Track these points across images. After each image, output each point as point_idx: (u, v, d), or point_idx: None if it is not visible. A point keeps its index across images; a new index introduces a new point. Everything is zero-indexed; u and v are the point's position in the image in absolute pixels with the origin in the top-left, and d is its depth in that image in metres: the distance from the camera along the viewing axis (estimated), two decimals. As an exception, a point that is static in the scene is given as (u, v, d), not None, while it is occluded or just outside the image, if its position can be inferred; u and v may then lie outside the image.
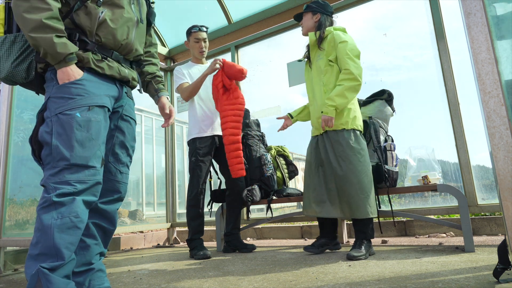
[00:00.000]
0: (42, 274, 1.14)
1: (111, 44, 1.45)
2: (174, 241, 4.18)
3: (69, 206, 1.23)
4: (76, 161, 1.27)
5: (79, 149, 1.28)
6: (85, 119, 1.31)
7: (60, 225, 1.20)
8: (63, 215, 1.21)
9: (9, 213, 2.81)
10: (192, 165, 2.77)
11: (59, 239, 1.19)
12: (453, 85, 2.69)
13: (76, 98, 1.32)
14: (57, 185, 1.24)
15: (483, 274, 1.48)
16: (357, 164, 2.20)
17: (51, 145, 1.28)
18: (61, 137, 1.28)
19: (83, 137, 1.30)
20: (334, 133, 2.28)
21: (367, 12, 3.28)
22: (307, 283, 1.55)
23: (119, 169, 1.53)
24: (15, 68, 1.35)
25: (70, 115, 1.29)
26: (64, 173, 1.26)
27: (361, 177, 2.18)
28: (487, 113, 1.05)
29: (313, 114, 2.45)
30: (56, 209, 1.21)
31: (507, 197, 1.01)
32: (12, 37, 1.37)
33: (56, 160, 1.27)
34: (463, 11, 1.12)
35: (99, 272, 1.42)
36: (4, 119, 2.87)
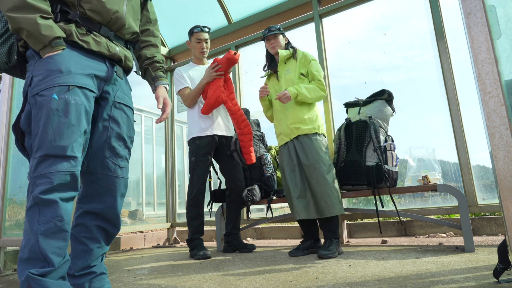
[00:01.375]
0: (32, 279, 1.07)
1: (97, 17, 1.30)
2: (174, 241, 4.18)
3: (52, 209, 1.12)
4: (53, 151, 1.13)
5: (57, 138, 1.13)
6: (62, 102, 1.15)
7: (45, 230, 1.10)
8: (47, 219, 1.11)
9: (9, 213, 2.81)
10: (192, 165, 2.77)
11: (45, 245, 1.10)
12: (453, 85, 2.69)
13: (53, 76, 1.16)
14: (37, 180, 1.12)
15: (483, 274, 1.48)
16: (329, 166, 2.39)
17: (32, 131, 1.15)
18: (39, 123, 1.13)
19: (60, 123, 1.14)
20: (307, 137, 2.44)
21: (367, 12, 3.28)
22: (307, 283, 1.55)
23: (118, 164, 1.37)
24: None
25: (46, 97, 1.14)
26: (42, 166, 1.12)
27: (332, 178, 2.37)
28: (487, 113, 1.05)
29: (283, 121, 2.55)
30: (40, 212, 1.11)
31: (507, 197, 1.01)
32: None
33: (34, 149, 1.14)
34: (463, 11, 1.12)
35: (101, 275, 1.36)
36: (4, 119, 2.88)
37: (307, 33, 3.45)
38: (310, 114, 2.49)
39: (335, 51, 3.43)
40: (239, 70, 3.89)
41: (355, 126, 2.60)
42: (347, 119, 2.71)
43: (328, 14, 3.36)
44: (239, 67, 3.90)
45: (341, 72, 3.44)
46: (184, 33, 3.39)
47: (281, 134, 2.57)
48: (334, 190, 2.34)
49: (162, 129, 4.53)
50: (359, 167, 2.51)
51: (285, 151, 2.56)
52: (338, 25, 3.41)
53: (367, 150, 2.51)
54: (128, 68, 1.49)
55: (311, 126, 2.46)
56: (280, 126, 2.57)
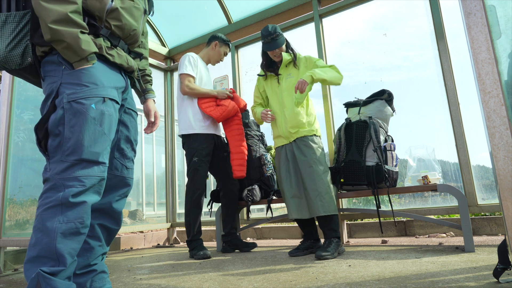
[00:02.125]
0: (42, 277, 1.08)
1: (120, 33, 1.39)
2: (174, 241, 4.18)
3: (76, 210, 1.17)
4: (88, 156, 1.20)
5: (92, 145, 1.22)
6: (99, 112, 1.24)
7: (65, 230, 1.14)
8: (69, 220, 1.15)
9: (9, 213, 2.81)
10: (194, 166, 2.72)
11: (63, 244, 1.13)
12: (453, 85, 2.69)
13: (90, 87, 1.24)
14: (66, 182, 1.16)
15: (483, 274, 1.48)
16: (325, 167, 2.43)
17: (63, 136, 1.19)
18: (74, 128, 1.19)
19: (96, 131, 1.23)
20: (305, 138, 2.47)
21: (367, 12, 3.28)
22: (307, 283, 1.55)
23: (125, 165, 1.46)
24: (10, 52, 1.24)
25: (85, 105, 1.21)
26: (74, 169, 1.18)
27: (328, 178, 2.40)
28: (487, 113, 1.05)
29: (282, 125, 2.56)
30: (62, 212, 1.14)
31: (507, 197, 1.01)
32: (3, 17, 1.24)
33: (65, 153, 1.19)
34: (463, 11, 1.12)
35: (102, 273, 1.38)
36: (4, 119, 2.88)
37: (307, 33, 3.46)
38: (309, 118, 2.53)
39: (335, 51, 3.43)
40: (239, 70, 3.89)
41: (355, 126, 2.60)
42: (347, 119, 2.71)
43: (328, 14, 3.36)
44: (239, 67, 3.90)
45: (341, 72, 3.43)
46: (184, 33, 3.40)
47: (280, 137, 2.60)
48: (329, 190, 2.36)
49: (162, 129, 4.53)
50: (359, 167, 2.51)
51: (282, 152, 2.58)
52: (338, 25, 3.41)
53: (367, 150, 2.51)
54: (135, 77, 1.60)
55: (309, 128, 2.50)
56: (279, 129, 2.59)
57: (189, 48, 4.30)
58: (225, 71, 3.98)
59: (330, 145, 3.13)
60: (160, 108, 4.58)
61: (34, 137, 3.04)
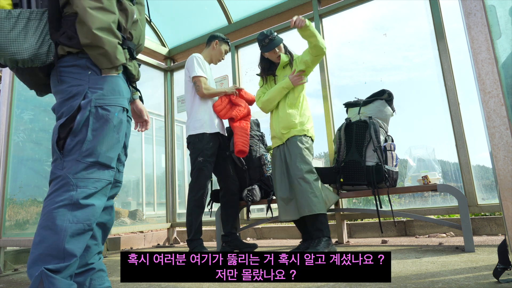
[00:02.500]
0: (46, 276, 1.10)
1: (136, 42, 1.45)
2: (174, 241, 4.18)
3: (85, 212, 1.19)
4: (104, 160, 1.26)
5: (109, 150, 1.27)
6: (119, 120, 1.30)
7: (75, 230, 1.17)
8: (78, 220, 1.18)
9: (9, 213, 2.81)
10: (199, 165, 2.71)
11: (71, 244, 1.15)
12: (453, 85, 2.69)
13: (116, 96, 1.30)
14: (79, 182, 1.20)
15: (483, 274, 1.48)
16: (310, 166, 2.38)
17: (84, 137, 1.23)
18: (96, 132, 1.24)
19: (114, 138, 1.29)
20: (294, 138, 2.44)
21: (367, 12, 3.28)
22: (307, 283, 1.55)
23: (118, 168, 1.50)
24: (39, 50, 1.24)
25: (110, 113, 1.27)
26: (89, 170, 1.22)
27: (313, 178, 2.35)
28: (487, 113, 1.05)
29: (276, 125, 2.56)
30: (72, 212, 1.17)
31: (507, 197, 1.01)
32: (28, 14, 1.23)
33: (83, 154, 1.22)
34: (463, 11, 1.12)
35: (100, 271, 1.39)
36: (4, 119, 2.88)
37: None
38: (301, 118, 2.50)
39: (335, 51, 3.43)
40: (239, 70, 3.89)
41: (355, 126, 2.60)
42: (347, 119, 2.71)
43: (328, 14, 3.36)
44: (239, 67, 3.90)
45: (341, 72, 3.44)
46: (184, 33, 3.40)
47: (275, 138, 2.60)
48: (316, 189, 2.31)
49: (162, 129, 4.53)
50: (359, 167, 2.51)
51: (277, 154, 2.58)
52: (338, 25, 3.41)
53: (367, 150, 2.51)
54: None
55: (300, 128, 2.47)
56: (273, 130, 2.60)
57: (189, 48, 4.30)
58: (225, 71, 3.98)
59: (330, 145, 3.13)
60: (160, 108, 4.58)
61: (34, 137, 3.02)
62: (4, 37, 1.19)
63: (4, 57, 1.21)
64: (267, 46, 2.57)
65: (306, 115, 2.54)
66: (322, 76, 3.27)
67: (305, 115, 2.53)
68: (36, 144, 3.00)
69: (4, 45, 1.19)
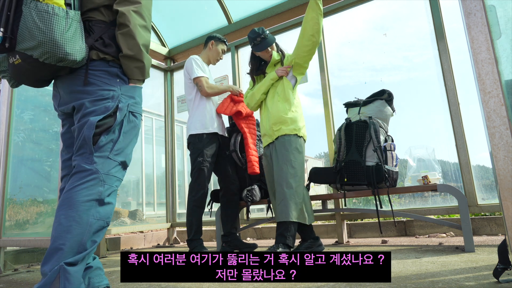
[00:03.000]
0: (64, 272, 1.12)
1: None
2: (174, 241, 4.18)
3: (106, 209, 1.27)
4: (128, 161, 1.39)
5: (131, 152, 1.41)
6: (139, 127, 1.44)
7: (97, 226, 1.23)
8: (101, 217, 1.25)
9: (9, 213, 2.81)
10: (199, 165, 2.72)
11: (91, 238, 1.21)
12: (453, 85, 2.69)
13: (140, 105, 1.44)
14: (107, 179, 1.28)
15: (483, 274, 1.48)
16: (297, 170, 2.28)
17: (118, 137, 1.33)
18: (126, 134, 1.36)
19: (134, 142, 1.42)
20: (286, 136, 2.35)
21: (367, 12, 3.28)
22: (307, 283, 1.55)
23: None
24: (86, 53, 1.30)
25: (138, 119, 1.41)
26: (117, 169, 1.33)
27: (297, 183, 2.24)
28: (487, 113, 1.05)
29: (266, 122, 2.49)
30: (96, 208, 1.23)
31: (507, 197, 1.01)
32: (78, 16, 1.28)
33: (114, 153, 1.32)
34: (463, 11, 1.12)
35: (98, 270, 1.42)
36: (4, 119, 2.88)
37: (307, 33, 3.46)
38: (293, 113, 2.40)
39: (335, 51, 3.43)
40: (239, 70, 3.89)
41: (355, 126, 2.60)
42: (347, 119, 2.71)
43: (328, 14, 3.36)
44: (239, 67, 3.90)
45: (341, 72, 3.44)
46: (184, 33, 3.40)
47: (265, 136, 2.52)
48: (296, 196, 2.21)
49: (162, 129, 4.53)
50: (359, 167, 2.51)
51: (268, 153, 2.51)
52: (338, 25, 3.41)
53: (367, 150, 2.51)
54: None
55: (292, 126, 2.37)
56: (264, 127, 2.52)
57: (189, 48, 4.30)
58: (225, 71, 3.98)
59: (330, 145, 3.13)
60: (160, 108, 4.58)
61: (34, 137, 3.02)
62: (61, 36, 1.20)
63: (56, 55, 1.21)
64: (259, 45, 2.52)
65: (298, 112, 2.45)
66: (322, 76, 3.27)
67: (297, 112, 2.44)
68: (36, 144, 3.00)
69: (61, 43, 1.20)
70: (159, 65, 4.50)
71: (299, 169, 2.29)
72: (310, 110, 4.34)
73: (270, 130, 2.44)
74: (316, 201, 3.45)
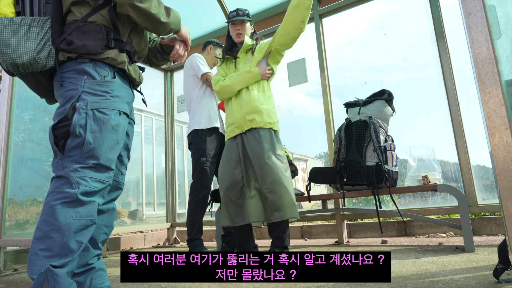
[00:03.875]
0: (51, 273, 1.12)
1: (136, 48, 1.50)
2: (174, 241, 4.18)
3: (87, 208, 1.24)
4: (104, 162, 1.30)
5: (108, 151, 1.31)
6: (116, 123, 1.35)
7: (78, 226, 1.21)
8: (81, 216, 1.22)
9: (9, 213, 2.81)
10: (202, 165, 2.72)
11: (74, 239, 1.19)
12: (453, 85, 2.69)
13: (111, 100, 1.34)
14: (81, 180, 1.23)
15: (483, 274, 1.48)
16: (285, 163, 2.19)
17: (84, 139, 1.26)
18: (95, 134, 1.28)
19: (113, 140, 1.33)
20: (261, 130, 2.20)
21: (367, 12, 3.28)
22: (307, 283, 1.55)
23: (121, 171, 1.54)
24: (38, 54, 1.28)
25: (107, 116, 1.31)
26: (90, 171, 1.27)
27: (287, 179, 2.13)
28: (487, 113, 1.05)
29: (237, 112, 2.29)
30: (75, 208, 1.21)
31: (507, 197, 1.01)
32: (29, 21, 1.28)
33: (84, 156, 1.26)
34: (463, 11, 1.12)
35: (100, 271, 1.42)
36: (4, 119, 2.87)
37: (307, 33, 3.45)
38: (267, 105, 2.27)
39: (335, 51, 3.43)
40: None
41: (355, 126, 2.60)
42: (347, 119, 2.71)
43: (328, 14, 3.36)
44: (239, 67, 3.90)
45: (341, 72, 3.44)
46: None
47: (232, 125, 2.32)
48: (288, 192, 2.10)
49: (162, 129, 4.53)
50: (359, 167, 2.51)
51: (234, 144, 2.31)
52: (338, 25, 3.41)
53: (367, 150, 2.51)
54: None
55: (267, 120, 2.22)
56: (233, 116, 2.31)
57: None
58: (225, 71, 3.98)
59: (330, 145, 3.13)
60: (160, 108, 4.58)
61: (34, 137, 3.03)
62: (5, 43, 1.23)
63: (6, 62, 1.25)
64: (231, 18, 2.42)
65: (272, 104, 2.32)
66: (322, 76, 3.27)
67: (271, 104, 2.31)
68: (36, 144, 3.00)
69: (6, 50, 1.24)
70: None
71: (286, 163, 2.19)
72: (310, 110, 4.35)
73: (242, 119, 2.24)
74: (316, 201, 3.45)
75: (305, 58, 3.46)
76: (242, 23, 2.42)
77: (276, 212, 2.07)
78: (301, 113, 4.95)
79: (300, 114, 5.43)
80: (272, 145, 2.18)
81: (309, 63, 3.44)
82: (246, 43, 2.40)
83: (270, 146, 2.18)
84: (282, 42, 2.29)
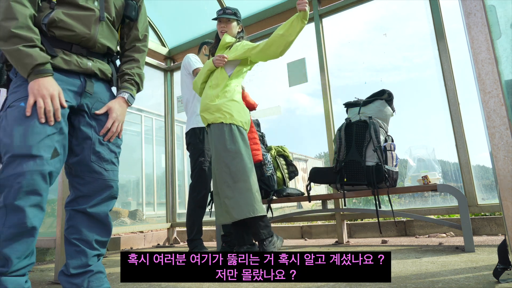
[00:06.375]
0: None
1: (68, 39, 1.39)
2: (174, 241, 4.18)
3: (17, 214, 1.15)
4: (19, 151, 1.17)
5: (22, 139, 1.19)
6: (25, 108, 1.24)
7: (8, 235, 1.14)
8: (12, 224, 1.14)
9: None
10: (200, 165, 2.73)
11: (9, 248, 1.14)
12: (453, 85, 2.69)
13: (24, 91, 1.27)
14: (6, 182, 1.16)
15: (483, 274, 1.48)
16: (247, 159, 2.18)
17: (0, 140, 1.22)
18: (5, 128, 1.21)
19: (26, 125, 1.21)
20: (213, 126, 2.24)
21: (367, 13, 3.28)
22: (307, 283, 1.55)
23: (103, 167, 1.43)
24: None
25: (15, 105, 1.24)
26: (10, 167, 1.17)
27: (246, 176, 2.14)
28: (487, 113, 1.05)
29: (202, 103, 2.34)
30: (6, 215, 1.14)
31: (507, 197, 1.01)
32: None
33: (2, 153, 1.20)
34: (463, 11, 1.12)
35: (98, 273, 1.39)
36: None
37: (307, 33, 3.46)
38: (221, 101, 2.23)
39: (335, 51, 3.44)
40: (239, 70, 3.89)
41: (355, 126, 2.60)
42: (347, 119, 2.71)
43: (328, 14, 3.36)
44: (239, 67, 3.90)
45: (341, 72, 3.45)
46: (184, 33, 3.39)
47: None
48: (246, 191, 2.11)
49: (162, 129, 4.53)
50: (359, 167, 2.51)
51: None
52: (338, 25, 3.41)
53: (367, 150, 2.51)
54: (108, 79, 1.54)
55: (217, 115, 2.20)
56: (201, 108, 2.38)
57: (189, 48, 4.30)
58: (225, 71, 3.98)
59: (330, 145, 3.13)
60: (160, 108, 4.58)
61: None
62: None
63: None
64: (218, 16, 2.43)
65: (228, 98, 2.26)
66: (322, 76, 3.27)
67: (228, 98, 2.25)
68: None
69: None
70: (159, 65, 4.50)
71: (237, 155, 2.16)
72: (310, 110, 4.35)
73: (202, 118, 2.34)
74: (316, 201, 3.45)
75: (305, 58, 3.46)
76: (228, 21, 2.44)
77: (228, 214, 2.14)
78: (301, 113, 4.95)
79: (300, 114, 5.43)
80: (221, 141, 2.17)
81: (309, 63, 3.44)
82: (224, 41, 2.41)
83: (219, 143, 2.18)
84: (258, 59, 2.35)
